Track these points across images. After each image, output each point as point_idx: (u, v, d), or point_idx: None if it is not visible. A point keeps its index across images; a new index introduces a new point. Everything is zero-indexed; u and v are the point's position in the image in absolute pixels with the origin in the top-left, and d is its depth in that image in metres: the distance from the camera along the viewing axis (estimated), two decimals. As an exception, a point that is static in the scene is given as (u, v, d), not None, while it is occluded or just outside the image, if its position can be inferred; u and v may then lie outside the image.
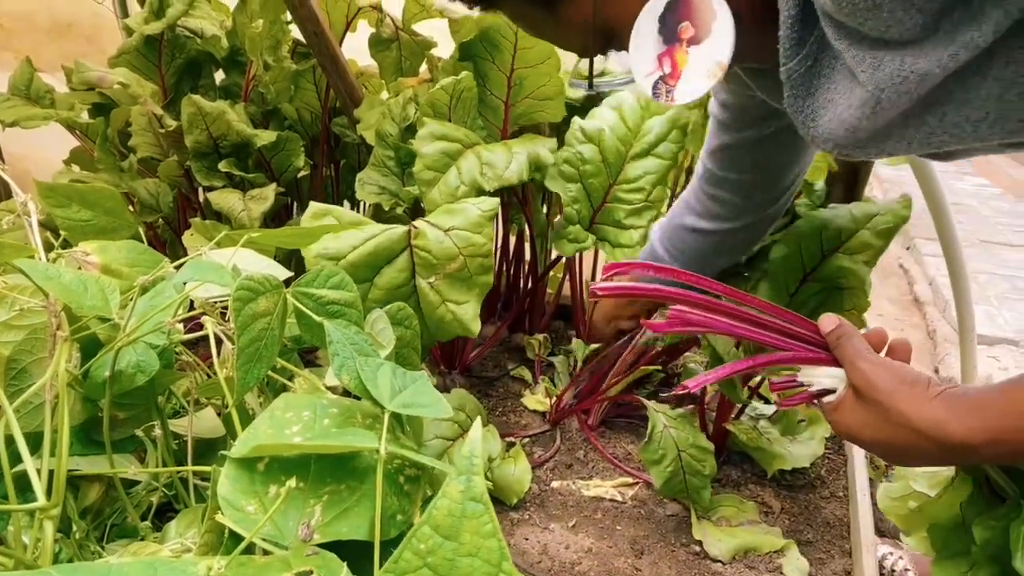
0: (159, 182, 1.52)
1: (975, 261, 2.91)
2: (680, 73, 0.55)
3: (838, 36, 0.46)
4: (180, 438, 0.81)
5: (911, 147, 0.50)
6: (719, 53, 0.53)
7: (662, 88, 0.56)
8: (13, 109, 1.42)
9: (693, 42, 0.53)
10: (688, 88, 0.55)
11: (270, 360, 0.59)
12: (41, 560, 0.54)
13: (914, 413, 0.55)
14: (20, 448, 0.55)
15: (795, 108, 0.54)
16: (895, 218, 0.99)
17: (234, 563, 0.41)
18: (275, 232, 0.77)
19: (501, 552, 0.31)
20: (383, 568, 0.30)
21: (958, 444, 0.53)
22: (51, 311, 0.65)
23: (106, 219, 0.90)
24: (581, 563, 1.03)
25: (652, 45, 0.55)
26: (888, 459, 0.61)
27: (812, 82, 0.52)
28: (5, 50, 2.18)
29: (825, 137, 0.53)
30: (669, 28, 0.54)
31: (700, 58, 0.54)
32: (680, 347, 1.36)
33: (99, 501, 0.71)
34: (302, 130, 1.65)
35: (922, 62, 0.42)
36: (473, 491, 0.33)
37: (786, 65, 0.52)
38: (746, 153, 0.91)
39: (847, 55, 0.46)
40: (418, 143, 1.07)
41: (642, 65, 0.56)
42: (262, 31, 1.39)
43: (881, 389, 0.57)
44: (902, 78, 0.44)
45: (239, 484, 0.49)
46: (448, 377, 1.47)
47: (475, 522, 0.32)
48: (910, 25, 0.42)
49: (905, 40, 0.43)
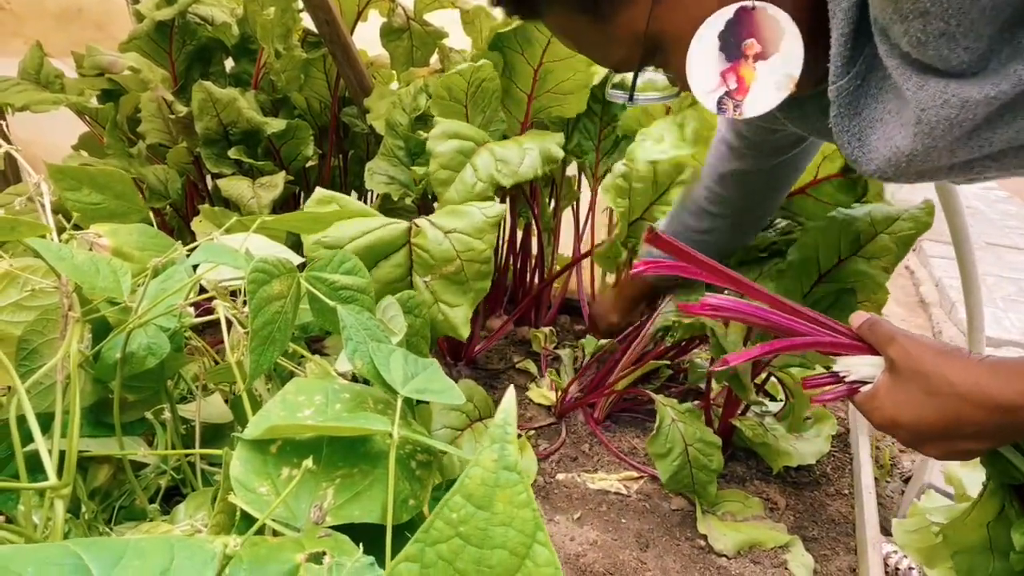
0: (168, 169, 1.52)
1: (982, 264, 2.88)
2: (748, 88, 0.55)
3: (889, 54, 0.47)
4: (188, 423, 0.81)
5: (951, 173, 0.51)
6: (790, 67, 0.54)
7: (728, 103, 0.56)
8: (23, 93, 1.42)
9: (760, 58, 0.54)
10: (758, 101, 0.56)
11: (283, 344, 0.58)
12: (51, 539, 0.54)
13: (958, 377, 0.54)
14: (32, 428, 0.55)
15: (841, 127, 0.55)
16: (917, 225, 0.98)
17: (247, 543, 0.41)
18: (286, 217, 0.77)
19: (536, 522, 0.31)
20: (414, 537, 0.30)
21: (1004, 405, 0.52)
22: (63, 292, 0.65)
23: (116, 203, 0.90)
24: (586, 555, 1.03)
25: (714, 62, 0.55)
26: (931, 445, 0.58)
27: (860, 101, 0.53)
28: (15, 36, 2.18)
29: (869, 158, 0.54)
30: (731, 45, 0.54)
31: (770, 72, 0.54)
32: (688, 344, 1.36)
33: (108, 483, 0.71)
34: (311, 119, 1.65)
35: (966, 90, 0.43)
36: (507, 460, 0.32)
37: (836, 83, 0.52)
38: (757, 178, 0.93)
39: (896, 72, 0.47)
40: (432, 143, 1.06)
41: (704, 82, 0.56)
42: (273, 19, 1.38)
43: (924, 359, 0.57)
44: (943, 100, 0.44)
45: (251, 466, 0.49)
46: (454, 369, 1.47)
47: (509, 491, 0.32)
48: (956, 63, 0.43)
49: (952, 73, 0.44)
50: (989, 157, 0.48)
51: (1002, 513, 0.67)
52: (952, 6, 0.41)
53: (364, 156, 1.74)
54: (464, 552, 0.30)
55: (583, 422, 1.36)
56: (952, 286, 2.57)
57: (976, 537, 0.69)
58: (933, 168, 0.51)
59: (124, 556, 0.34)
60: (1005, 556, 0.67)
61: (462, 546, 0.31)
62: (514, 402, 0.32)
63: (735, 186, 0.95)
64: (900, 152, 0.50)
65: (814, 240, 1.01)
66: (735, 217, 0.99)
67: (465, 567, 0.30)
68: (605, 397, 1.36)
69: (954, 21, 0.41)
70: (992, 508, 0.67)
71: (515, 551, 0.30)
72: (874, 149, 0.53)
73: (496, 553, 0.30)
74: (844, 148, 0.56)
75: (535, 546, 0.30)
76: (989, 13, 0.40)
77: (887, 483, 1.32)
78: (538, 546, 0.30)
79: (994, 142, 0.46)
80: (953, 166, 0.50)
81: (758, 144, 0.88)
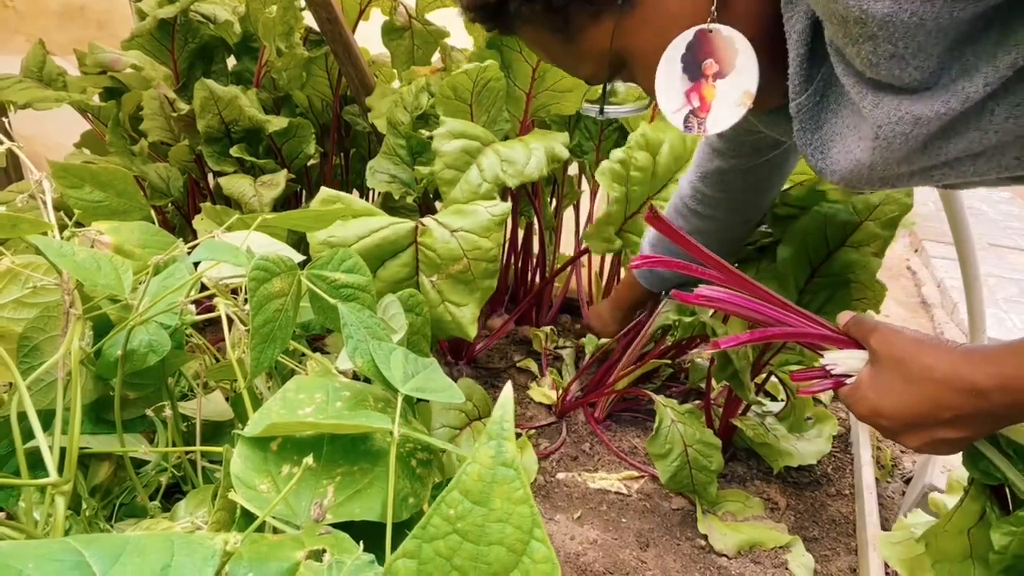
0: (169, 166, 1.52)
1: (984, 264, 2.88)
2: (709, 106, 0.58)
3: (846, 73, 0.49)
4: (188, 420, 0.81)
5: (912, 180, 0.54)
6: (746, 83, 0.56)
7: (693, 121, 0.59)
8: (25, 91, 1.42)
9: (719, 76, 0.56)
10: (719, 118, 0.58)
11: (284, 341, 0.59)
12: (52, 536, 0.54)
13: (935, 362, 0.56)
14: (33, 424, 0.55)
15: (804, 141, 0.57)
16: (900, 207, 0.99)
17: (248, 540, 0.41)
18: (288, 215, 0.77)
19: (533, 519, 0.31)
20: (412, 533, 0.30)
21: (978, 387, 0.53)
22: (64, 289, 0.65)
23: (118, 200, 0.90)
24: (586, 554, 1.03)
25: (678, 83, 0.57)
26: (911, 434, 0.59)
27: (820, 116, 0.55)
28: (17, 33, 2.18)
29: (832, 169, 0.56)
30: (692, 66, 0.56)
31: (728, 90, 0.57)
32: (687, 344, 1.36)
33: (108, 480, 0.71)
34: (313, 118, 1.65)
35: (918, 107, 0.46)
36: (504, 456, 0.32)
37: (795, 100, 0.55)
38: (739, 177, 0.94)
39: (852, 91, 0.49)
40: (437, 142, 1.05)
41: (670, 103, 0.58)
42: (275, 17, 1.38)
43: (903, 346, 0.59)
44: (898, 118, 0.47)
45: (251, 463, 0.49)
46: (455, 368, 1.47)
47: (506, 487, 0.32)
48: (909, 80, 0.45)
49: (905, 89, 0.46)
50: (946, 164, 0.50)
51: (983, 519, 0.66)
52: (898, 30, 0.42)
53: (366, 155, 1.75)
54: (461, 548, 0.30)
55: (584, 421, 1.36)
56: (954, 287, 2.57)
57: (957, 545, 0.69)
58: (894, 175, 0.53)
59: (124, 553, 0.34)
60: (986, 563, 0.66)
61: (459, 542, 0.31)
62: (511, 398, 0.32)
63: (718, 185, 0.97)
64: (861, 163, 0.53)
65: (801, 236, 1.02)
66: (720, 218, 1.00)
67: (462, 563, 0.30)
68: (606, 397, 1.36)
69: (902, 44, 0.43)
70: (973, 513, 0.67)
71: (512, 547, 0.30)
72: (836, 161, 0.56)
73: (493, 549, 0.30)
74: (809, 159, 0.59)
75: (532, 542, 0.30)
76: (935, 35, 0.43)
77: (888, 483, 1.31)
78: (535, 542, 0.30)
79: (948, 151, 0.48)
80: (912, 173, 0.52)
81: (738, 144, 0.90)
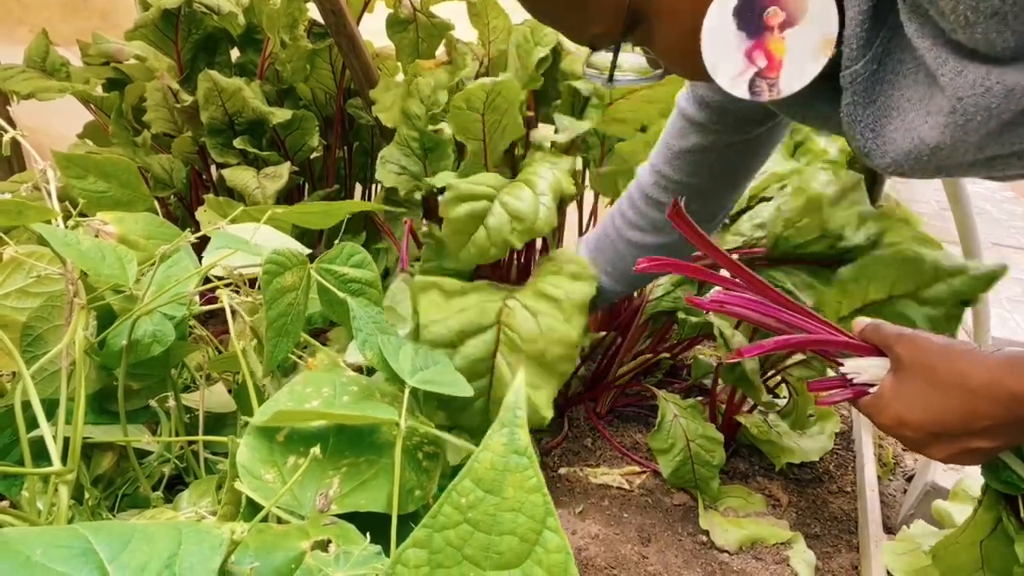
0: (173, 158, 1.52)
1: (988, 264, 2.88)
2: (780, 62, 0.49)
3: (920, 33, 0.42)
4: (191, 411, 0.81)
5: (971, 169, 0.47)
6: (825, 27, 0.47)
7: (762, 85, 0.50)
8: (29, 81, 1.41)
9: (787, 25, 0.48)
10: (796, 75, 0.49)
11: (296, 335, 0.59)
12: (55, 525, 0.54)
13: (970, 369, 0.52)
14: (37, 414, 0.55)
15: (854, 117, 0.49)
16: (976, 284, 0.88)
17: (253, 530, 0.41)
18: (295, 208, 0.76)
19: (546, 507, 0.30)
20: (422, 522, 0.30)
21: (1016, 396, 0.50)
22: (68, 278, 0.65)
23: (122, 191, 0.90)
24: (588, 548, 1.03)
25: (734, 43, 0.49)
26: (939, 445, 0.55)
27: (876, 88, 0.48)
28: (20, 23, 2.17)
29: (884, 150, 0.49)
30: (751, 20, 0.48)
31: (802, 38, 0.48)
32: (691, 339, 1.36)
33: (111, 470, 0.71)
34: (316, 110, 1.64)
35: (1011, 77, 0.40)
36: (517, 444, 0.31)
37: (851, 68, 0.47)
38: (716, 158, 0.83)
39: (928, 55, 0.42)
40: (443, 208, 1.00)
41: (727, 69, 0.50)
42: (280, 9, 1.38)
43: (931, 351, 0.55)
44: (985, 88, 0.40)
45: (258, 453, 0.49)
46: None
47: (519, 476, 0.31)
48: (1002, 47, 0.39)
49: (994, 57, 0.40)
50: (1015, 155, 0.44)
51: (996, 529, 0.65)
52: None
53: (369, 148, 1.74)
54: (473, 538, 0.30)
55: (585, 417, 1.36)
56: (957, 286, 2.56)
57: (968, 557, 0.68)
58: (955, 164, 0.46)
59: (132, 540, 0.34)
60: (998, 575, 0.65)
61: (471, 532, 0.30)
62: (523, 386, 0.32)
63: (687, 167, 0.85)
64: (923, 144, 0.45)
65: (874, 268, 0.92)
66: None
67: (474, 553, 0.30)
68: (607, 392, 1.35)
69: (1010, 0, 0.37)
70: (987, 524, 0.65)
71: (525, 537, 0.30)
72: (890, 140, 0.48)
73: (505, 539, 0.30)
74: (855, 139, 0.51)
75: (545, 532, 0.30)
76: None
77: (890, 481, 1.31)
78: (548, 532, 0.30)
79: None
80: (975, 162, 0.46)
81: (721, 115, 0.79)
